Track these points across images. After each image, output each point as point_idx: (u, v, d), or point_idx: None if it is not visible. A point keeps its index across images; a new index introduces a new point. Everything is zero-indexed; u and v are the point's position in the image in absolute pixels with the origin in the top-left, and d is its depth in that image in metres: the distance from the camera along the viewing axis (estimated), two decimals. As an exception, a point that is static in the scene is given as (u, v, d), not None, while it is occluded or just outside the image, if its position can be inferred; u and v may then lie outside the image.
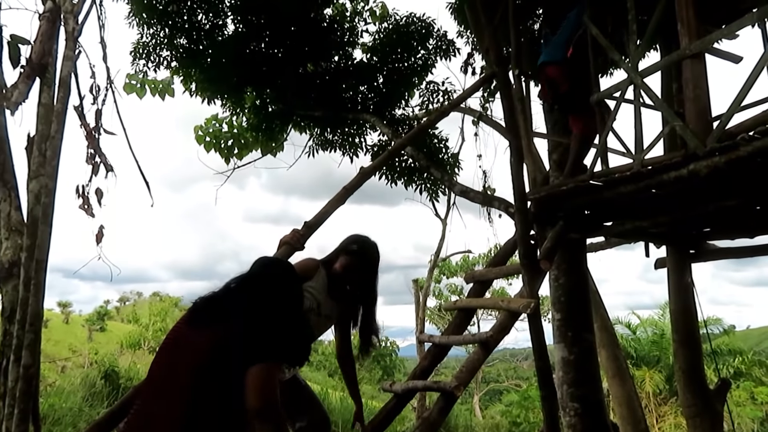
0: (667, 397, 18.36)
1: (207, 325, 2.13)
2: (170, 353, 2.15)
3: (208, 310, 2.20)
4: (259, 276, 2.28)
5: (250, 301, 2.18)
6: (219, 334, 2.08)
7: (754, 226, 4.72)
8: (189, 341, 2.12)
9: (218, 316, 2.15)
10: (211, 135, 8.41)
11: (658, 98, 3.65)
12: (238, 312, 2.13)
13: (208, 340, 2.07)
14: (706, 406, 5.01)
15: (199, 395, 2.01)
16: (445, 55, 7.45)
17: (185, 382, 2.02)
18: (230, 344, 2.05)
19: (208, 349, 2.05)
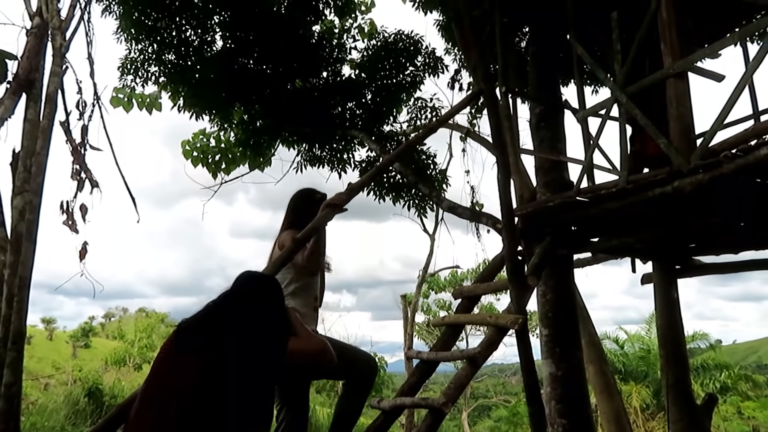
0: (655, 412, 18.42)
1: (193, 350, 2.12)
2: (159, 378, 2.15)
3: (193, 333, 2.20)
4: (241, 293, 2.28)
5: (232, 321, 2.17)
6: (205, 358, 2.08)
7: (738, 242, 4.78)
8: (177, 366, 2.12)
9: (203, 339, 2.15)
10: (198, 150, 8.41)
11: (642, 116, 3.69)
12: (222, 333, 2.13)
13: (195, 365, 2.07)
14: (693, 421, 5.02)
15: (187, 420, 2.02)
16: (432, 72, 7.52)
17: (174, 407, 2.03)
18: (216, 368, 2.05)
19: (194, 373, 2.05)
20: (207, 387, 2.04)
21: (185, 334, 2.22)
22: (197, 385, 2.05)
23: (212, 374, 2.06)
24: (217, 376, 2.05)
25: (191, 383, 2.05)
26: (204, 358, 2.09)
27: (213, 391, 2.04)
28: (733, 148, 3.22)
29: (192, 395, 2.03)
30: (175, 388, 2.07)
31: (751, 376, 23.91)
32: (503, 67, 4.69)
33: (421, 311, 17.92)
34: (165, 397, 2.08)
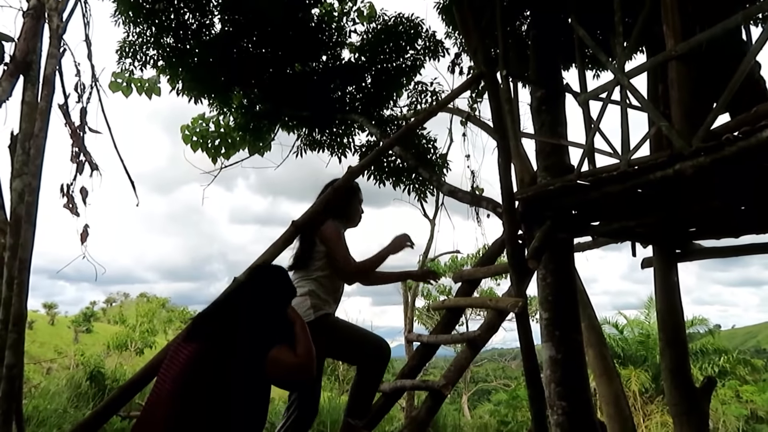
0: (654, 395, 18.54)
1: (194, 339, 2.34)
2: (165, 367, 2.35)
3: (200, 324, 2.43)
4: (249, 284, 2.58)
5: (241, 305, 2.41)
6: (204, 345, 2.28)
7: (739, 226, 4.77)
8: (179, 354, 2.32)
9: (206, 329, 2.37)
10: (197, 134, 8.37)
11: (644, 99, 3.68)
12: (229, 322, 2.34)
13: (192, 352, 2.27)
14: (692, 404, 5.05)
15: (182, 404, 2.21)
16: (433, 56, 7.47)
17: (167, 388, 2.24)
18: (216, 354, 2.24)
19: (191, 360, 2.25)
20: (196, 373, 2.22)
21: (194, 325, 2.46)
22: (187, 370, 2.24)
23: (206, 359, 2.24)
24: (208, 365, 2.24)
25: (183, 368, 2.26)
26: (201, 346, 2.28)
27: (206, 375, 2.23)
28: (735, 130, 3.21)
29: (182, 380, 2.23)
30: (171, 372, 2.28)
31: (749, 361, 24.05)
32: (504, 50, 4.65)
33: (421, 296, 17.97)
34: (162, 379, 2.30)
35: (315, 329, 2.92)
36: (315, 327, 3.00)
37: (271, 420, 8.46)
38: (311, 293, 3.33)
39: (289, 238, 3.21)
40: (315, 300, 3.33)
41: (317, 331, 2.97)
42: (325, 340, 3.15)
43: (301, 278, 3.39)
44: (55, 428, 5.90)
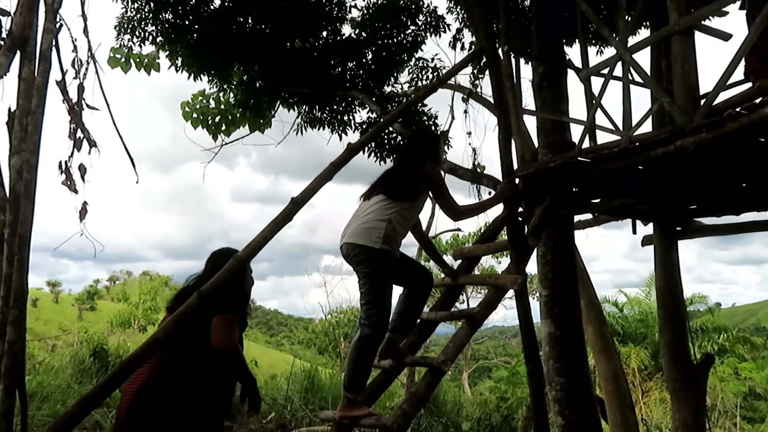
0: (653, 373, 18.70)
1: (170, 310, 2.91)
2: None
3: (176, 299, 2.96)
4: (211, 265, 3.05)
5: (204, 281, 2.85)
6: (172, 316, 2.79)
7: (740, 204, 4.75)
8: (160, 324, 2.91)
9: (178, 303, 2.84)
10: (198, 111, 8.34)
11: (646, 75, 3.64)
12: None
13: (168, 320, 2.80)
14: (690, 380, 5.08)
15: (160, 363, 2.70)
16: (434, 31, 7.39)
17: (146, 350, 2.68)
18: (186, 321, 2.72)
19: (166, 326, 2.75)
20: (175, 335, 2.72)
21: (174, 298, 3.01)
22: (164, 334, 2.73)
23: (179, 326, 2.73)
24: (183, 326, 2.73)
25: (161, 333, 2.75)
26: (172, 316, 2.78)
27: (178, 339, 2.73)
28: (737, 106, 3.18)
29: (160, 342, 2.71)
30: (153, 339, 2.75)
31: (749, 338, 24.18)
32: (506, 25, 4.60)
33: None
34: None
35: (371, 256, 3.37)
36: (372, 254, 3.37)
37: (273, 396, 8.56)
38: (391, 223, 3.44)
39: (288, 215, 3.20)
40: (390, 231, 3.44)
41: (371, 258, 3.37)
42: (368, 267, 3.40)
43: (386, 206, 3.50)
44: (60, 403, 5.98)
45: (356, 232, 3.46)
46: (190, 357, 2.75)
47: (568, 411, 4.35)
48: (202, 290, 2.89)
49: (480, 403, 11.00)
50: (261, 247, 3.12)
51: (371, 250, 3.37)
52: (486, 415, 8.66)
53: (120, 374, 2.70)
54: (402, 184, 3.58)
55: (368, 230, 3.41)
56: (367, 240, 3.39)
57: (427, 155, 3.72)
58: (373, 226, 3.41)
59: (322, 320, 23.42)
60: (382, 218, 3.43)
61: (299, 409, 7.99)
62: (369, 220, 3.46)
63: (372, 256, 3.37)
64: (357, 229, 3.47)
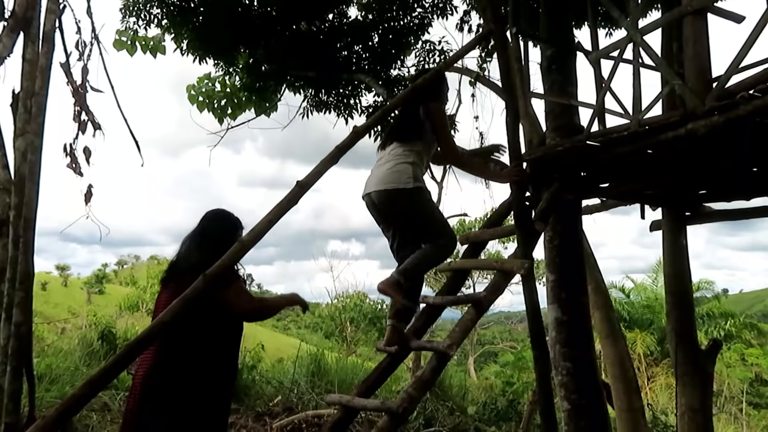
0: (659, 358, 18.72)
1: (165, 285, 2.92)
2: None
3: (168, 273, 2.96)
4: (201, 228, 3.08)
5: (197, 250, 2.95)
6: (171, 290, 2.83)
7: (750, 188, 4.70)
8: (158, 299, 2.91)
9: (172, 275, 2.91)
10: (203, 95, 8.31)
11: (658, 57, 3.58)
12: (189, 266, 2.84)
13: (165, 297, 2.83)
14: (697, 366, 5.06)
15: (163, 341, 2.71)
16: (441, 14, 7.31)
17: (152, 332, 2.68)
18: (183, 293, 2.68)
19: (165, 303, 2.77)
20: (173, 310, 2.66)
21: (169, 269, 2.99)
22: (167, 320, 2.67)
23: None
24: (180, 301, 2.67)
25: (160, 311, 2.77)
26: (170, 289, 2.86)
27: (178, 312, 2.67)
28: (751, 89, 3.13)
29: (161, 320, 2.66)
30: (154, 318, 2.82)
31: (756, 325, 24.11)
32: (514, 7, 4.53)
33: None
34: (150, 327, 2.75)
35: (410, 196, 3.41)
36: (410, 194, 3.41)
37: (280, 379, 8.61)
38: (414, 164, 3.49)
39: (293, 199, 3.18)
40: (417, 170, 3.50)
41: (411, 198, 3.42)
42: (413, 208, 3.46)
43: (405, 150, 3.54)
44: (68, 385, 6.02)
45: (385, 178, 3.47)
46: (195, 334, 2.80)
47: (575, 396, 4.35)
48: (207, 273, 2.88)
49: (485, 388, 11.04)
50: (266, 230, 3.10)
51: (405, 191, 3.40)
52: (491, 399, 8.69)
53: (126, 356, 2.71)
54: (409, 127, 3.63)
55: (397, 173, 3.44)
56: (398, 183, 3.42)
57: (430, 95, 3.78)
58: (400, 170, 3.45)
59: (328, 305, 23.51)
60: (406, 161, 3.49)
61: (306, 392, 8.02)
62: (394, 165, 3.48)
63: (410, 197, 3.43)
64: (384, 175, 3.48)
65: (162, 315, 2.84)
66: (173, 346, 2.76)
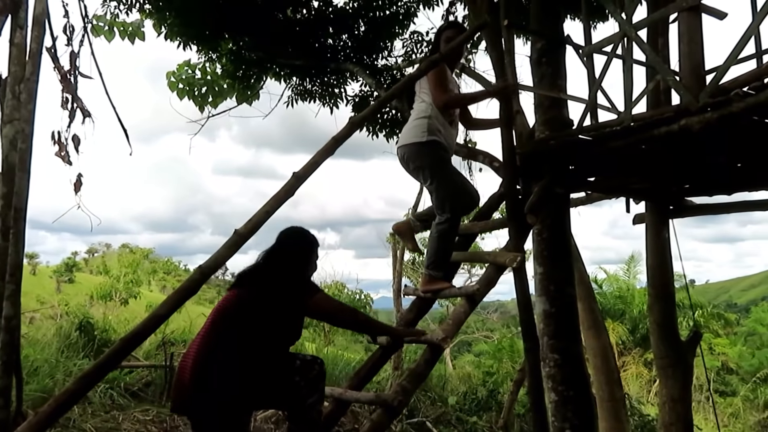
0: (631, 347, 19.09)
1: (236, 287, 2.92)
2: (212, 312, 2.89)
3: (242, 276, 2.96)
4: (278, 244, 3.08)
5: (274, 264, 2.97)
6: (243, 292, 2.87)
7: (733, 183, 4.79)
8: (223, 299, 2.94)
9: (248, 279, 2.93)
10: (184, 82, 8.16)
11: (651, 52, 3.61)
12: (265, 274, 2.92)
13: (234, 294, 2.88)
14: (679, 357, 5.17)
15: (219, 333, 2.73)
16: (427, 4, 7.26)
17: (211, 323, 2.78)
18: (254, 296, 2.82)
19: (232, 298, 2.86)
20: (236, 307, 2.80)
21: (237, 278, 3.00)
22: (227, 305, 2.84)
23: (243, 302, 2.81)
24: (246, 303, 2.80)
25: (223, 304, 2.86)
26: (241, 291, 2.87)
27: (241, 315, 2.77)
28: (745, 85, 3.17)
29: (224, 315, 2.80)
30: (214, 310, 2.85)
31: (723, 315, 24.77)
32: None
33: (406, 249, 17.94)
34: (208, 321, 2.82)
35: (424, 148, 3.67)
36: (425, 146, 3.67)
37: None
38: (430, 119, 3.74)
39: (290, 190, 3.14)
40: (433, 124, 3.74)
41: (423, 151, 3.68)
42: (424, 161, 3.70)
43: (422, 106, 3.83)
44: (48, 378, 5.90)
45: (405, 135, 3.81)
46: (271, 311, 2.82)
47: (562, 387, 4.38)
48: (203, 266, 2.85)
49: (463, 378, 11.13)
50: (263, 222, 3.06)
51: (420, 144, 3.68)
52: (472, 389, 8.76)
53: (121, 351, 2.66)
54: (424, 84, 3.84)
55: (413, 128, 3.75)
56: (414, 137, 3.71)
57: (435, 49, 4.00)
58: (417, 124, 3.75)
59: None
60: (423, 115, 3.76)
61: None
62: (412, 120, 3.82)
63: (423, 149, 3.69)
64: (405, 131, 3.83)
65: (157, 308, 2.80)
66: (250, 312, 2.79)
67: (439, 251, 3.79)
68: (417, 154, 3.73)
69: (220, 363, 2.63)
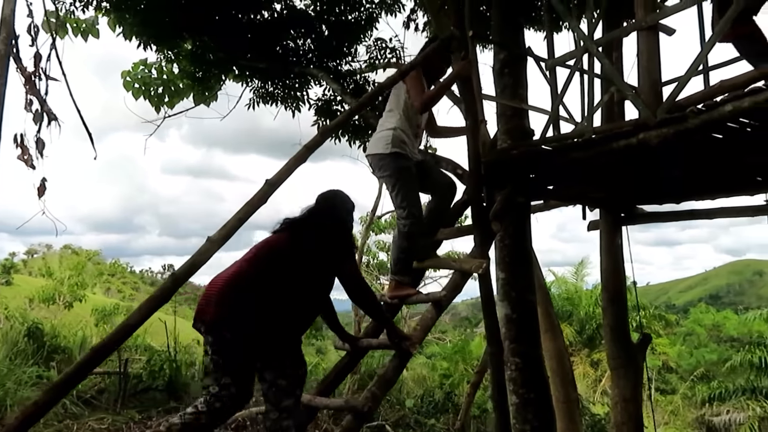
0: (579, 348, 19.66)
1: (279, 232, 3.04)
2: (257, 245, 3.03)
3: (288, 225, 3.05)
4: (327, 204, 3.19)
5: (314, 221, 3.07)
6: (292, 238, 2.97)
7: (682, 192, 5.04)
8: (269, 239, 3.04)
9: (292, 227, 3.04)
10: (140, 81, 7.98)
11: (611, 67, 3.77)
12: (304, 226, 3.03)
13: (276, 237, 3.03)
14: (630, 358, 5.39)
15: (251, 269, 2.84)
16: (389, 10, 7.33)
17: (249, 256, 2.92)
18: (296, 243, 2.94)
19: (273, 240, 3.01)
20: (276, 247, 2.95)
21: (280, 224, 3.09)
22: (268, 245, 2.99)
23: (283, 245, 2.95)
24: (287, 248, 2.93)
25: (265, 243, 3.00)
26: (284, 234, 3.00)
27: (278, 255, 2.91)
28: (698, 103, 3.35)
29: (262, 249, 2.96)
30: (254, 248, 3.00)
31: (664, 316, 25.80)
32: (470, 11, 4.62)
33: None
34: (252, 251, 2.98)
35: (387, 159, 3.79)
36: (387, 158, 3.79)
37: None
38: (395, 130, 3.86)
39: (263, 197, 3.13)
40: (397, 134, 3.85)
41: (388, 161, 3.80)
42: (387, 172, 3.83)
43: (389, 116, 3.96)
44: (-1, 386, 5.65)
45: (371, 145, 3.96)
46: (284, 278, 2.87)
47: (523, 390, 4.52)
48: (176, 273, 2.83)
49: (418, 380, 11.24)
50: (236, 229, 3.05)
51: (384, 156, 3.81)
52: (429, 392, 8.87)
53: (91, 361, 2.61)
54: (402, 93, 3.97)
55: (378, 140, 3.88)
56: (378, 148, 3.84)
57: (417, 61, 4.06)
58: (381, 136, 3.87)
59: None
60: (389, 127, 3.87)
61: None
62: (378, 131, 3.94)
63: (387, 161, 3.81)
64: (371, 142, 3.98)
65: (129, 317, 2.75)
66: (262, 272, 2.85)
67: (403, 255, 3.91)
68: (382, 165, 3.86)
69: (248, 298, 2.74)
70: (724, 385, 17.66)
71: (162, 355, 7.43)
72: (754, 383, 16.75)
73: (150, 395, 7.00)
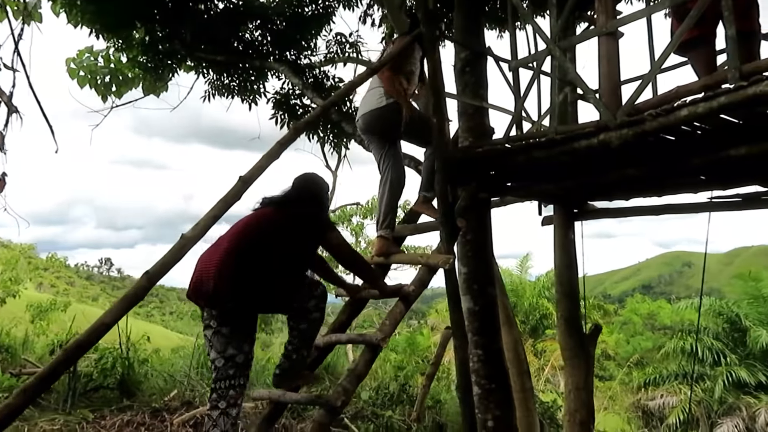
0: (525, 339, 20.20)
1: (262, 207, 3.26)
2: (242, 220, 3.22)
3: (269, 202, 3.28)
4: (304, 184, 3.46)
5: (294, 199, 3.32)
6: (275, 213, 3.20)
7: (631, 190, 5.27)
8: (250, 215, 3.23)
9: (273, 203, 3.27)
10: (85, 69, 7.69)
11: (574, 71, 3.90)
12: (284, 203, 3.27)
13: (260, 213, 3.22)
14: (582, 348, 5.61)
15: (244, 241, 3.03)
16: (346, 5, 7.32)
17: (238, 230, 3.11)
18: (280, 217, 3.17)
19: (258, 215, 3.20)
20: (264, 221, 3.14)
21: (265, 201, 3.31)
22: (255, 220, 3.17)
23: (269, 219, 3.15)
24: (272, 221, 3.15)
25: (251, 219, 3.19)
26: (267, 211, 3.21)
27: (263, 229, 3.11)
28: (657, 107, 3.52)
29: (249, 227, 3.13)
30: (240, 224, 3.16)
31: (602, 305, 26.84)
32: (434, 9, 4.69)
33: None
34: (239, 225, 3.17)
35: (388, 110, 4.02)
36: (388, 108, 4.02)
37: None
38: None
39: (237, 194, 3.11)
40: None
41: (390, 112, 4.02)
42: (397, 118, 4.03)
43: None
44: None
45: (363, 105, 4.15)
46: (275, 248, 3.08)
47: (484, 381, 4.66)
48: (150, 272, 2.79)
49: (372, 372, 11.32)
50: (210, 226, 3.02)
51: (381, 108, 4.02)
52: (384, 383, 8.96)
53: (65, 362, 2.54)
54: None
55: (370, 98, 4.09)
56: (375, 104, 4.05)
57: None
58: (373, 93, 4.09)
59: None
60: (379, 85, 4.09)
61: (197, 385, 7.78)
62: (370, 90, 4.14)
63: (383, 112, 4.03)
64: (362, 103, 4.17)
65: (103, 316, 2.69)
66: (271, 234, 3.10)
67: (387, 209, 4.17)
68: (378, 119, 4.06)
69: (243, 270, 2.94)
70: (659, 371, 18.55)
71: (114, 353, 7.21)
72: (685, 368, 17.66)
73: (101, 394, 6.79)
